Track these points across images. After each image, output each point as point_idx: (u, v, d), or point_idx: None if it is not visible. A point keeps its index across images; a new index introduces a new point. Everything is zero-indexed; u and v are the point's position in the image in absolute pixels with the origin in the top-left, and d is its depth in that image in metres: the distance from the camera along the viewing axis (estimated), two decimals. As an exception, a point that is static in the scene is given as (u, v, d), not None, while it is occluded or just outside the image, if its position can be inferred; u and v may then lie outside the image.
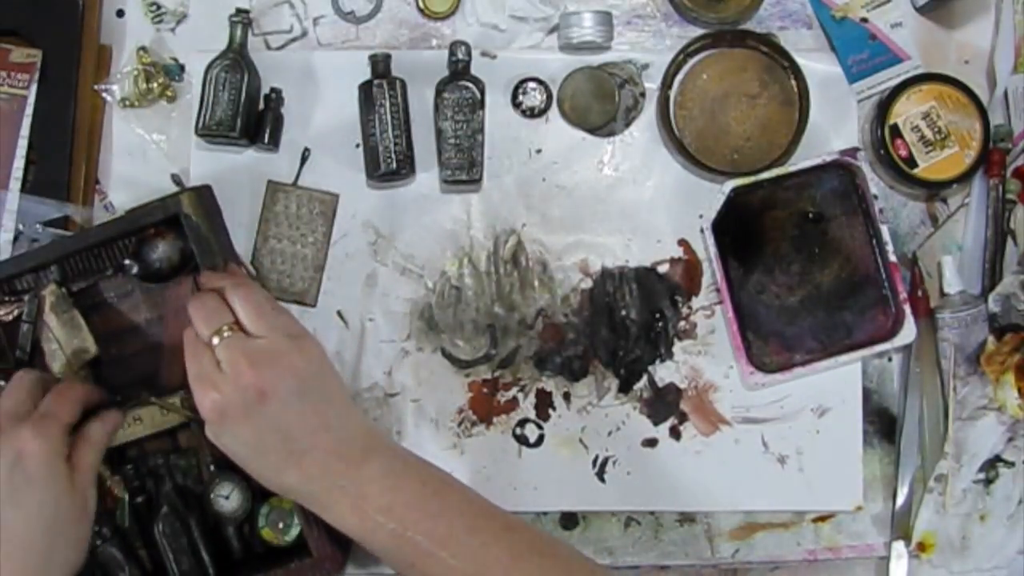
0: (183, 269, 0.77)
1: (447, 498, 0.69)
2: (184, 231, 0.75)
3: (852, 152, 0.82)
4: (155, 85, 0.84)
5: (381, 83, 0.80)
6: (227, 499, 0.76)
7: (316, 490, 0.67)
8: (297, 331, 0.70)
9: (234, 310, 0.68)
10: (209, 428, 0.67)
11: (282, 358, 0.67)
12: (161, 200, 0.77)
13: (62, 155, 0.82)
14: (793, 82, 0.83)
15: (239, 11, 0.82)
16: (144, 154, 0.85)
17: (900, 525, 0.83)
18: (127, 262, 0.76)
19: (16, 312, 0.77)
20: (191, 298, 0.70)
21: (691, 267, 0.84)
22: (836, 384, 0.83)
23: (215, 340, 0.67)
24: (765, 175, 0.81)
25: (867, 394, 0.84)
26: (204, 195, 0.78)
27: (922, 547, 0.83)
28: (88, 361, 0.76)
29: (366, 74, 0.81)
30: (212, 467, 0.77)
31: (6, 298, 0.77)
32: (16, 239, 0.81)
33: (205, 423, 0.67)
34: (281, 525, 0.77)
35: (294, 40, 0.85)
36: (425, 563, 0.67)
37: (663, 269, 0.84)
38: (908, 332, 0.80)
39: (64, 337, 0.76)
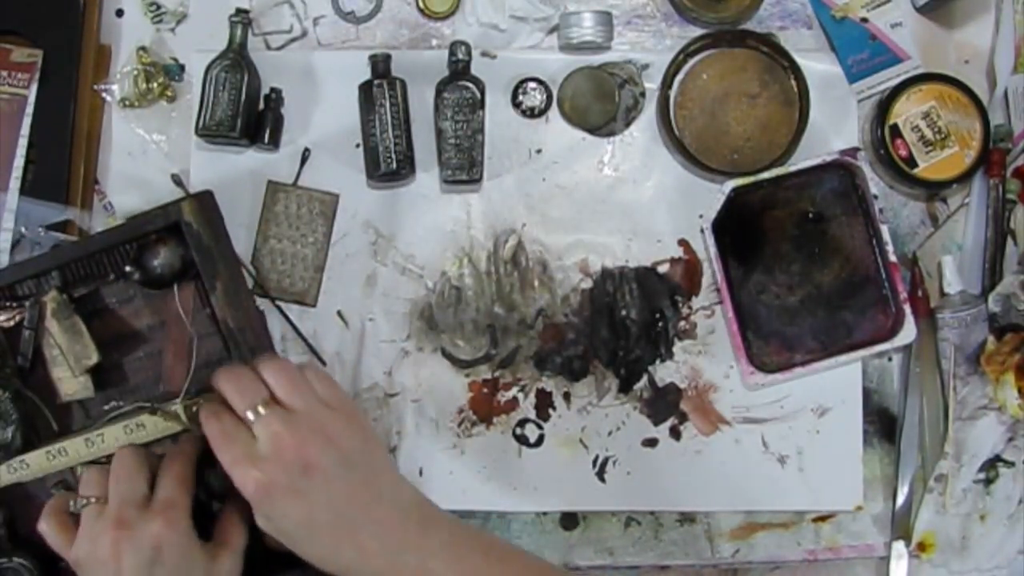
0: (185, 275, 0.77)
1: (509, 564, 0.67)
2: (185, 237, 0.75)
3: (852, 152, 0.82)
4: (155, 85, 0.84)
5: (381, 83, 0.80)
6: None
7: (378, 567, 0.64)
8: (336, 401, 0.68)
9: (268, 384, 0.66)
10: (258, 511, 0.64)
11: (324, 430, 0.65)
12: (162, 207, 0.76)
13: (62, 155, 0.82)
14: (793, 82, 0.83)
15: (239, 11, 0.82)
16: (144, 154, 0.85)
17: (900, 525, 0.83)
18: (128, 268, 0.76)
19: (17, 318, 0.76)
20: (220, 372, 0.67)
21: (691, 267, 0.84)
22: (836, 384, 0.83)
23: (250, 416, 0.64)
24: (765, 175, 0.81)
25: (867, 394, 0.84)
26: (205, 201, 0.78)
27: (922, 547, 0.83)
28: (90, 367, 0.76)
29: (366, 74, 0.81)
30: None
31: (7, 304, 0.77)
32: (18, 243, 0.81)
33: (253, 507, 0.64)
34: None
35: (294, 40, 0.85)
36: None
37: (663, 269, 0.84)
38: (908, 332, 0.80)
39: (66, 343, 0.76)
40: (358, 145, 0.83)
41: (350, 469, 0.65)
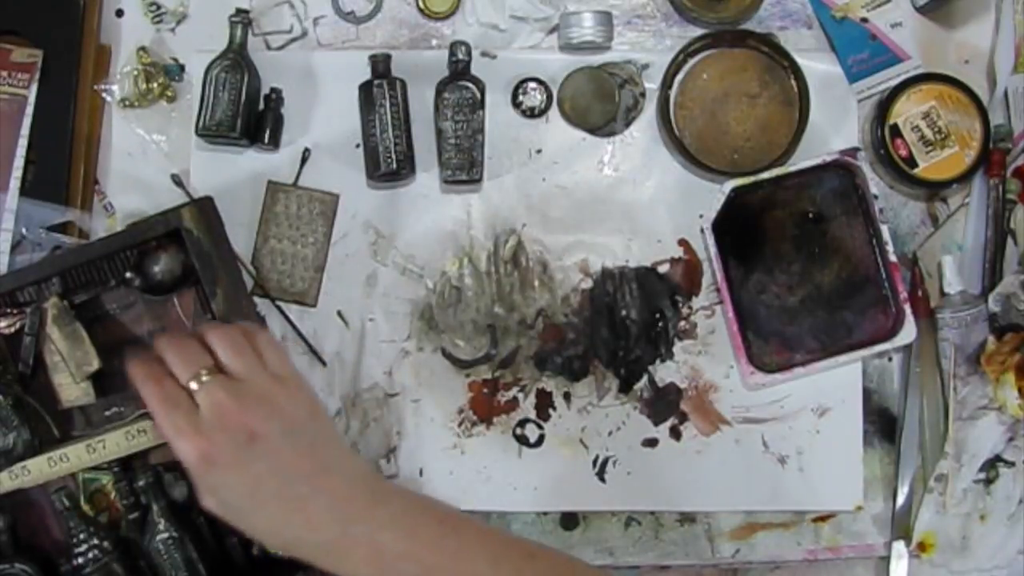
0: (185, 281, 0.77)
1: (464, 534, 0.65)
2: (185, 243, 0.75)
3: (852, 152, 0.82)
4: (155, 85, 0.84)
5: (381, 83, 0.80)
6: None
7: (326, 540, 0.63)
8: (283, 371, 0.66)
9: (213, 352, 0.65)
10: (201, 484, 0.63)
11: (269, 399, 0.63)
12: (163, 213, 0.76)
13: (62, 155, 0.82)
14: (793, 82, 0.83)
15: (239, 11, 0.81)
16: (144, 154, 0.85)
17: (900, 525, 0.83)
18: (129, 275, 0.76)
19: (18, 325, 0.76)
20: (163, 338, 0.65)
21: (691, 267, 0.84)
22: (836, 384, 0.83)
23: (193, 384, 0.63)
24: (765, 175, 0.81)
25: (867, 394, 0.84)
26: (206, 208, 0.77)
27: (922, 547, 0.83)
28: (91, 374, 0.76)
29: (366, 74, 0.81)
30: None
31: (8, 311, 0.77)
32: (19, 244, 0.81)
33: (196, 481, 0.63)
34: None
35: (294, 40, 0.85)
36: None
37: (663, 269, 0.84)
38: (908, 332, 0.80)
39: (67, 350, 0.76)
40: (358, 145, 0.83)
41: (296, 438, 0.63)
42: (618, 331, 0.84)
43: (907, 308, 0.80)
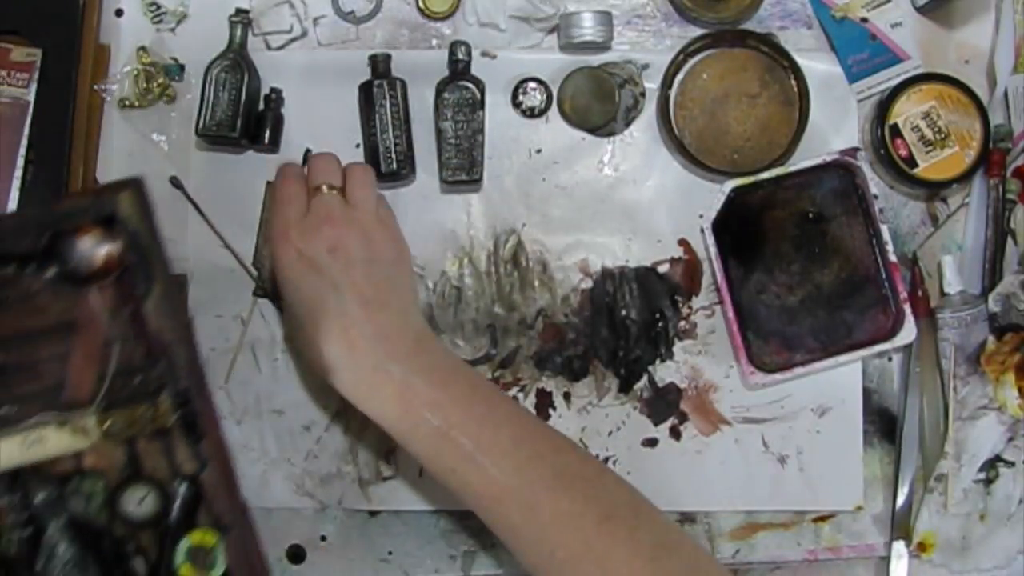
0: (105, 275, 0.64)
1: (496, 406, 0.68)
2: (113, 230, 0.63)
3: (852, 152, 0.82)
4: (155, 85, 0.84)
5: (381, 83, 0.80)
6: (140, 504, 0.65)
7: (360, 367, 0.67)
8: (389, 221, 0.74)
9: (346, 178, 0.73)
10: (281, 274, 0.70)
11: (368, 231, 0.70)
12: (95, 195, 0.65)
13: (61, 155, 0.81)
14: (793, 82, 0.83)
15: (239, 11, 0.81)
16: (144, 154, 0.85)
17: (900, 525, 0.83)
18: (44, 263, 0.64)
19: None
20: (314, 155, 0.75)
21: (691, 267, 0.84)
22: (836, 384, 0.83)
23: (319, 191, 0.71)
24: (765, 175, 0.81)
25: (867, 394, 0.84)
26: (141, 192, 0.64)
27: (922, 547, 0.83)
28: None
29: (366, 74, 0.81)
30: (127, 469, 0.65)
31: None
32: None
33: (278, 271, 0.71)
34: (204, 561, 0.65)
35: (294, 40, 0.85)
36: (466, 469, 0.66)
37: (663, 269, 0.84)
38: (908, 332, 0.80)
39: None
40: (358, 145, 0.83)
41: (372, 267, 0.69)
42: (618, 331, 0.84)
43: (907, 308, 0.80)
